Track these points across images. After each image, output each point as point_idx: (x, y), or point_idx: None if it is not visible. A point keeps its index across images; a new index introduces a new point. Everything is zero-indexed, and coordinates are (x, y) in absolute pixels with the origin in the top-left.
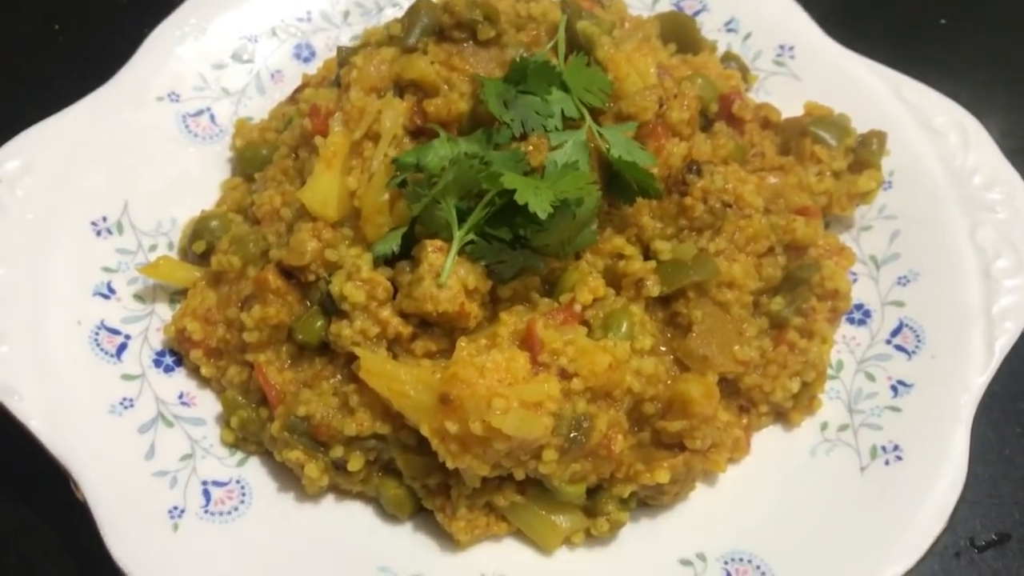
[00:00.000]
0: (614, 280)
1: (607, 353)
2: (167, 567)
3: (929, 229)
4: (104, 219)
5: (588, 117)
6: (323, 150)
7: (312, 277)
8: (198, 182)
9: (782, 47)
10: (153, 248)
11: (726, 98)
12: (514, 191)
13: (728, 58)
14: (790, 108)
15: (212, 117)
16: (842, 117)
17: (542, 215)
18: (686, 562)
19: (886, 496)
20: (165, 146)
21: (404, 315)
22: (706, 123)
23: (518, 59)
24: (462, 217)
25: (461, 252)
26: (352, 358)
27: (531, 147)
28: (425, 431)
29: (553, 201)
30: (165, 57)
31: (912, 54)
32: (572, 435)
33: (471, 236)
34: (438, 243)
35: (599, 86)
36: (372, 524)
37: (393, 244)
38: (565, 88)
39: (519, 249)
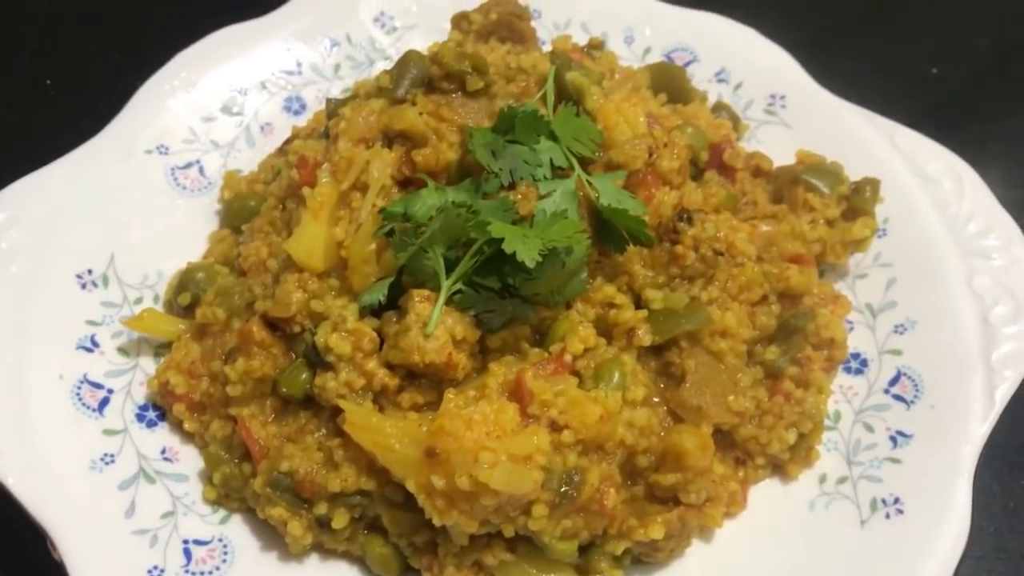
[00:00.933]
0: (605, 329)
1: (598, 404)
2: None
3: (926, 276)
4: (89, 272)
5: (577, 166)
6: (310, 200)
7: (297, 329)
8: (186, 235)
9: (773, 96)
10: (139, 301)
11: (716, 147)
12: (502, 240)
13: (719, 108)
14: (782, 157)
15: (201, 169)
16: (835, 165)
17: (530, 264)
18: None
19: (888, 551)
20: (153, 199)
21: (391, 366)
22: (697, 172)
23: (506, 108)
24: (450, 266)
25: (449, 302)
26: (337, 411)
27: (520, 196)
28: (411, 486)
29: (542, 250)
30: (155, 110)
31: (904, 104)
32: (563, 489)
33: (459, 285)
34: (425, 292)
35: (588, 135)
36: None
37: (379, 294)
38: (554, 137)
39: (508, 298)
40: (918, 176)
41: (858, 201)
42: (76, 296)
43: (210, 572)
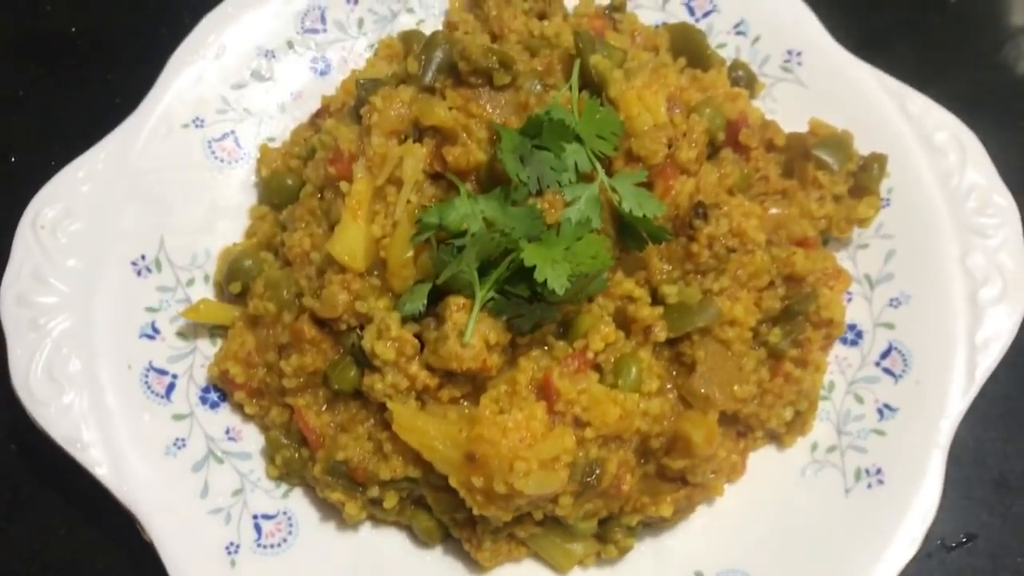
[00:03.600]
0: (624, 321)
1: (617, 406)
2: None
3: (923, 251)
4: (143, 257)
5: (600, 171)
6: (348, 199)
7: (344, 327)
8: (228, 210)
9: (790, 52)
10: (191, 282)
11: (733, 125)
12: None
13: (736, 67)
14: (796, 116)
15: (236, 140)
16: (845, 136)
17: (560, 292)
18: None
19: (867, 520)
20: (193, 174)
21: (430, 367)
22: (713, 150)
23: (533, 116)
24: (483, 270)
25: (482, 308)
26: (384, 405)
27: (547, 205)
28: (453, 483)
29: (570, 276)
30: (187, 81)
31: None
32: (586, 480)
33: (491, 294)
34: (461, 301)
35: (611, 129)
36: (406, 548)
37: (420, 303)
38: (578, 139)
39: (536, 303)
40: (925, 146)
41: (865, 179)
42: (133, 284)
43: (278, 544)
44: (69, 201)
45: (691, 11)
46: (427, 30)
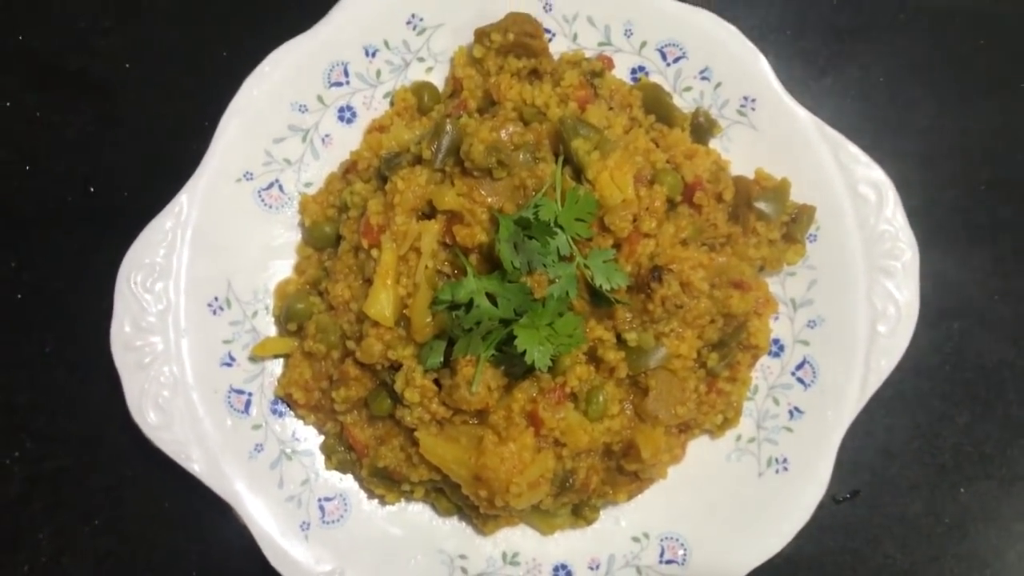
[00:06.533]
0: (594, 358)
1: (587, 434)
2: (307, 566)
3: (838, 283)
4: (216, 299)
5: (578, 255)
6: (378, 268)
7: (379, 367)
8: (278, 248)
9: (746, 98)
10: (254, 314)
11: (690, 187)
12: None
13: (699, 114)
14: (746, 156)
15: (280, 187)
16: (784, 186)
17: (544, 369)
18: (636, 538)
19: (773, 497)
20: (248, 222)
21: (446, 404)
22: (672, 206)
23: (524, 216)
24: (486, 334)
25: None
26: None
27: (535, 283)
28: (465, 491)
29: (553, 355)
30: (235, 140)
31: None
32: (563, 485)
33: (492, 351)
34: (469, 358)
35: (588, 210)
36: (430, 517)
37: (438, 359)
38: (561, 227)
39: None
40: (850, 191)
41: (795, 229)
42: (211, 322)
43: (337, 519)
44: (151, 259)
45: (663, 56)
46: (435, 75)
